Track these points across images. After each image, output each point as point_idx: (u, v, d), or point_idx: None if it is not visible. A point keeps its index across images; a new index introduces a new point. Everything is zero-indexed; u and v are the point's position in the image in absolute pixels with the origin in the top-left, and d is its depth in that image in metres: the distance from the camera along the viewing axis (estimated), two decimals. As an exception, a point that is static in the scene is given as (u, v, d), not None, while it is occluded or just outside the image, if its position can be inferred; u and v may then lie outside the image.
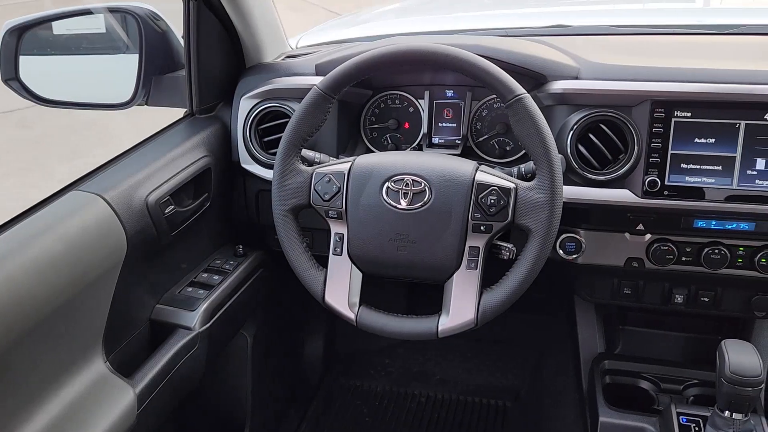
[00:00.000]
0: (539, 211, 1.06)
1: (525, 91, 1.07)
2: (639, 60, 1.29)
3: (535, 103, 1.27)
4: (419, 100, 1.43)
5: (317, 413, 1.90)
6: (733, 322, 1.51)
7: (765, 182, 1.14)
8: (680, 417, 1.21)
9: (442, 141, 1.42)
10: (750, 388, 1.06)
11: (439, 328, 1.10)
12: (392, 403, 1.93)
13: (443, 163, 1.12)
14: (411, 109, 1.44)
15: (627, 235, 1.28)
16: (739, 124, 1.14)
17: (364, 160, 1.15)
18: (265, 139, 1.42)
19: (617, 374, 1.44)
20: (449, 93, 1.41)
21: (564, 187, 1.21)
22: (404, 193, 1.10)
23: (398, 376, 2.03)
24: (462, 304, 1.09)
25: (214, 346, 1.33)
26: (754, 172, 1.14)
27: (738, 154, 1.14)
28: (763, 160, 1.14)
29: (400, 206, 1.10)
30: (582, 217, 1.29)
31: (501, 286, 1.09)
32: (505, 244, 1.14)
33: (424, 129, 1.41)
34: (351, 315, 1.14)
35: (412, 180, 1.10)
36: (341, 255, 1.15)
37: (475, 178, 1.09)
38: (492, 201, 1.07)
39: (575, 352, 1.55)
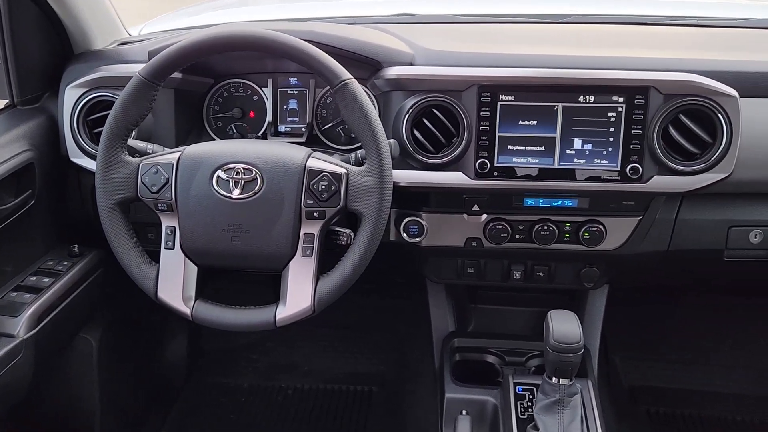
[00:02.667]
0: (369, 195, 1.07)
1: (351, 76, 1.08)
2: (472, 47, 1.34)
3: (374, 88, 1.30)
4: (263, 89, 1.40)
5: (181, 415, 1.84)
6: (572, 294, 1.60)
7: (582, 161, 1.21)
8: (516, 387, 1.28)
9: (288, 129, 1.40)
10: (572, 354, 1.13)
11: (277, 317, 1.09)
12: (259, 398, 1.90)
13: (275, 151, 1.10)
14: (255, 98, 1.41)
15: (465, 216, 1.32)
16: (557, 106, 1.20)
17: (194, 150, 1.11)
18: (95, 131, 1.34)
19: (466, 351, 1.49)
20: (293, 81, 1.39)
21: (402, 171, 1.25)
22: (235, 182, 1.08)
23: (266, 371, 2.01)
24: (298, 292, 1.09)
25: (45, 354, 1.25)
26: (573, 152, 1.21)
27: (558, 135, 1.21)
28: (580, 140, 1.21)
29: (231, 196, 1.08)
30: (423, 200, 1.32)
31: (336, 271, 1.09)
32: (342, 230, 1.14)
33: (269, 117, 1.39)
34: (186, 310, 1.10)
35: (243, 168, 1.08)
36: (173, 249, 1.11)
37: (307, 164, 1.08)
38: (323, 187, 1.07)
39: (429, 332, 1.60)
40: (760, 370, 1.91)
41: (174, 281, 1.10)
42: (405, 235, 1.34)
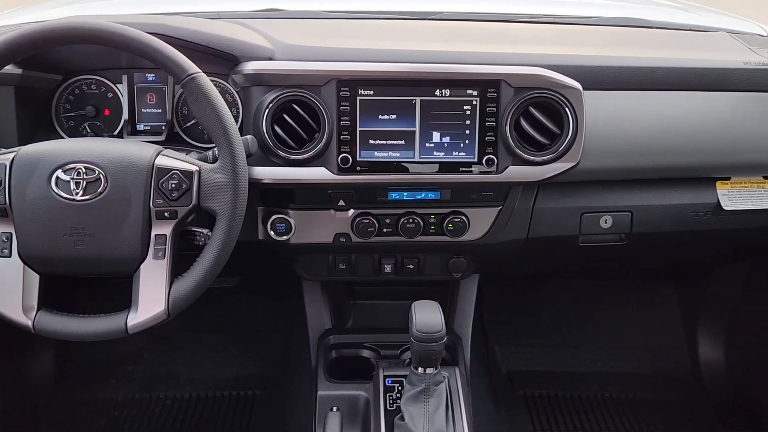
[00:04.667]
0: (223, 192, 1.04)
1: (198, 70, 1.04)
2: (333, 42, 1.33)
3: (234, 84, 1.27)
4: (117, 85, 1.33)
5: None
6: (445, 284, 1.64)
7: (441, 153, 1.24)
8: (386, 379, 1.29)
9: (147, 128, 1.34)
10: (434, 343, 1.15)
11: (129, 324, 1.04)
12: (134, 411, 1.82)
13: (120, 149, 1.05)
14: (110, 95, 1.34)
15: (333, 211, 1.32)
16: (415, 100, 1.22)
17: (30, 149, 1.04)
18: None
19: (342, 347, 1.49)
20: (150, 77, 1.34)
21: (264, 168, 1.22)
22: (77, 182, 1.02)
23: (144, 382, 1.92)
24: (151, 297, 1.04)
25: None
26: (432, 145, 1.24)
27: (417, 129, 1.23)
28: (438, 133, 1.23)
29: (73, 198, 1.01)
30: (288, 197, 1.30)
31: (191, 273, 1.05)
32: (199, 230, 1.11)
33: (125, 115, 1.32)
34: (26, 321, 1.03)
35: (85, 168, 1.02)
36: (11, 256, 1.03)
37: (155, 162, 1.04)
38: (173, 185, 1.03)
39: (305, 330, 1.58)
40: (617, 349, 2.04)
41: (12, 291, 1.03)
42: (272, 233, 1.31)
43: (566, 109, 1.22)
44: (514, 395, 1.90)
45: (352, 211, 1.32)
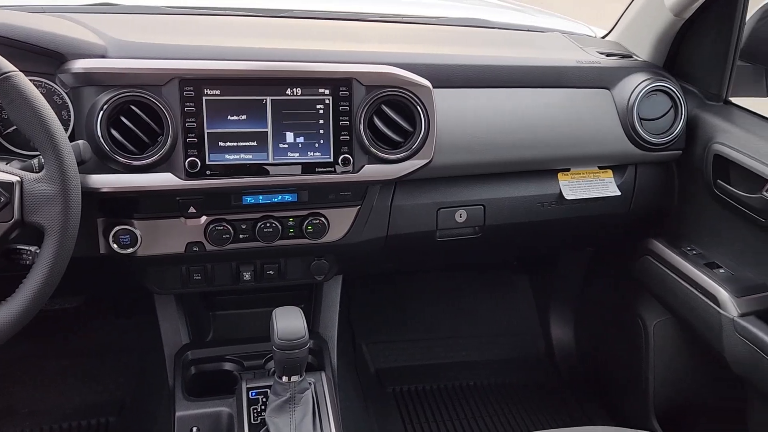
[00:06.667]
0: (50, 204, 0.93)
1: (14, 69, 0.93)
2: (175, 39, 1.25)
3: (63, 85, 1.15)
4: None
5: None
6: (309, 288, 1.61)
7: (296, 154, 1.20)
8: (250, 392, 1.23)
9: None
10: (298, 350, 1.11)
11: None
12: None
13: None
14: None
15: (183, 219, 1.24)
16: (266, 100, 1.17)
17: None
18: None
19: (202, 362, 1.41)
20: None
21: (102, 176, 1.12)
22: None
23: None
24: (-32, 326, 0.91)
25: None
26: (286, 145, 1.19)
27: (269, 129, 1.18)
28: (291, 133, 1.19)
29: None
30: (132, 206, 1.21)
31: (16, 297, 0.93)
32: (25, 248, 0.98)
33: None
34: None
35: None
36: None
37: None
38: None
39: (161, 348, 1.48)
40: (479, 337, 2.12)
41: None
42: (116, 246, 1.21)
43: (418, 107, 1.23)
44: (384, 392, 1.91)
45: (204, 218, 1.24)
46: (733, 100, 1.49)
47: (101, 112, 1.10)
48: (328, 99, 1.19)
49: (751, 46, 1.47)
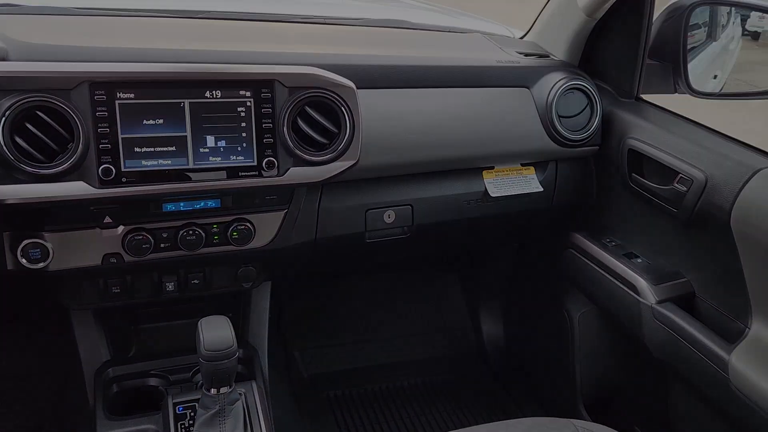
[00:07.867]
0: None
1: None
2: (83, 40, 1.19)
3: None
4: None
5: None
6: (238, 296, 1.56)
7: (218, 158, 1.16)
8: (177, 407, 1.18)
9: None
10: (226, 360, 1.08)
11: None
12: None
13: None
14: None
15: (98, 230, 1.17)
16: (184, 103, 1.13)
17: None
18: None
19: (124, 379, 1.34)
20: None
21: (6, 186, 1.05)
22: None
23: None
24: None
25: None
26: (207, 150, 1.16)
27: (188, 134, 1.14)
28: (212, 137, 1.16)
29: None
30: (42, 218, 1.14)
31: None
32: None
33: None
34: None
35: None
36: None
37: None
38: None
39: (80, 366, 1.40)
40: (413, 337, 2.13)
41: None
42: (25, 261, 1.14)
43: (342, 108, 1.21)
44: (318, 398, 1.89)
45: (121, 227, 1.19)
46: (644, 96, 1.56)
47: (4, 119, 1.03)
48: (250, 101, 1.17)
49: (659, 45, 1.54)
